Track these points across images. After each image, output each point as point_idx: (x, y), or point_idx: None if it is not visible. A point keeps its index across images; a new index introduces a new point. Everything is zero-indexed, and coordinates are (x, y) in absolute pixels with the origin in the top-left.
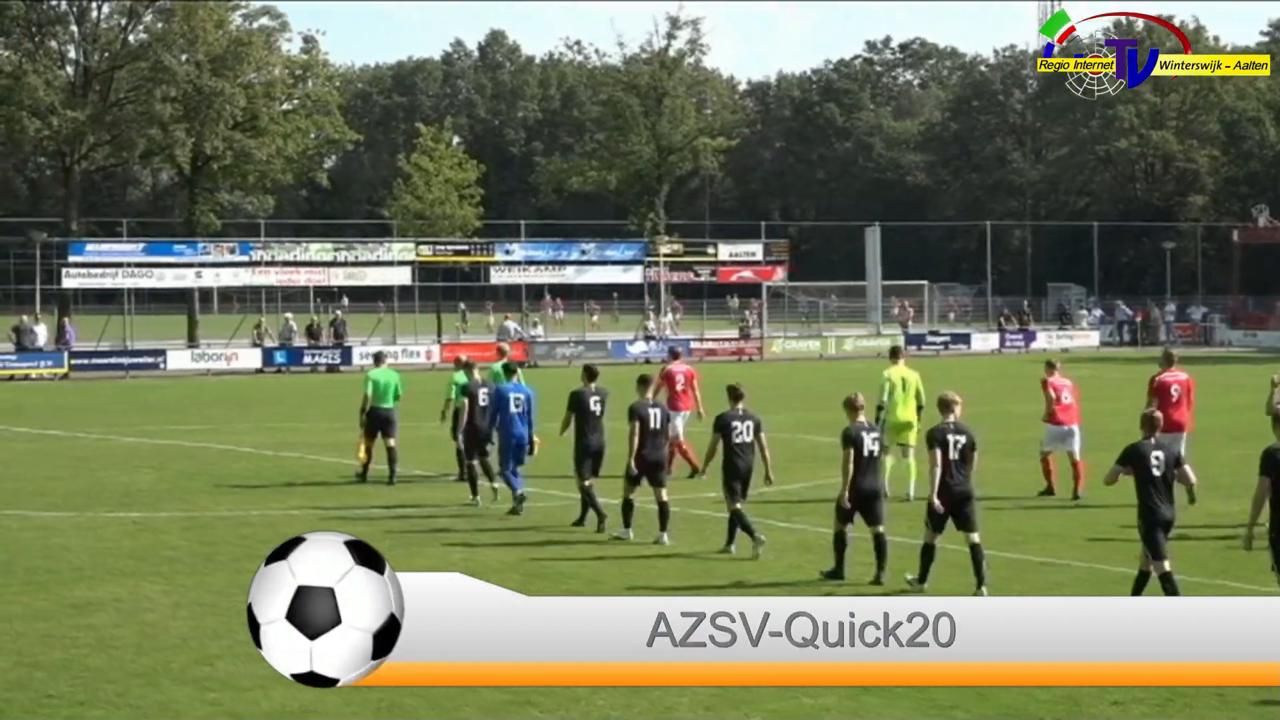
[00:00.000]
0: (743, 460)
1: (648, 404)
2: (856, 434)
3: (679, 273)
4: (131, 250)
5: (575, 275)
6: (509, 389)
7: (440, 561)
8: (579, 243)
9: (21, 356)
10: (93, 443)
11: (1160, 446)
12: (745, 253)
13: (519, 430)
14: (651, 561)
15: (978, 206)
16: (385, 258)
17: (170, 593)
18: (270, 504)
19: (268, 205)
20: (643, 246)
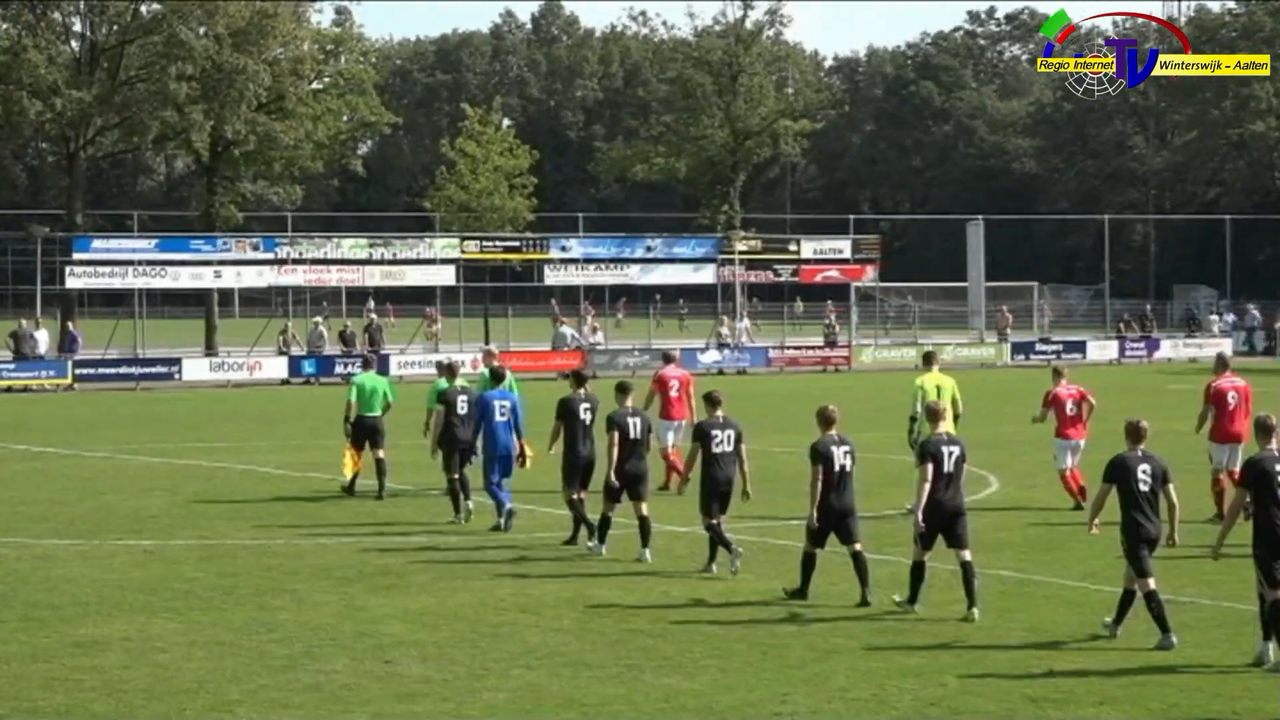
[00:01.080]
0: (722, 472)
1: (627, 413)
2: (825, 448)
3: (756, 272)
4: (143, 246)
5: (639, 275)
6: (493, 396)
7: (489, 596)
8: (644, 238)
9: (21, 365)
10: (100, 462)
11: (1148, 459)
12: (831, 250)
13: (504, 440)
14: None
15: (1094, 197)
16: (427, 255)
17: (185, 630)
18: (297, 531)
19: (295, 196)
20: (715, 243)
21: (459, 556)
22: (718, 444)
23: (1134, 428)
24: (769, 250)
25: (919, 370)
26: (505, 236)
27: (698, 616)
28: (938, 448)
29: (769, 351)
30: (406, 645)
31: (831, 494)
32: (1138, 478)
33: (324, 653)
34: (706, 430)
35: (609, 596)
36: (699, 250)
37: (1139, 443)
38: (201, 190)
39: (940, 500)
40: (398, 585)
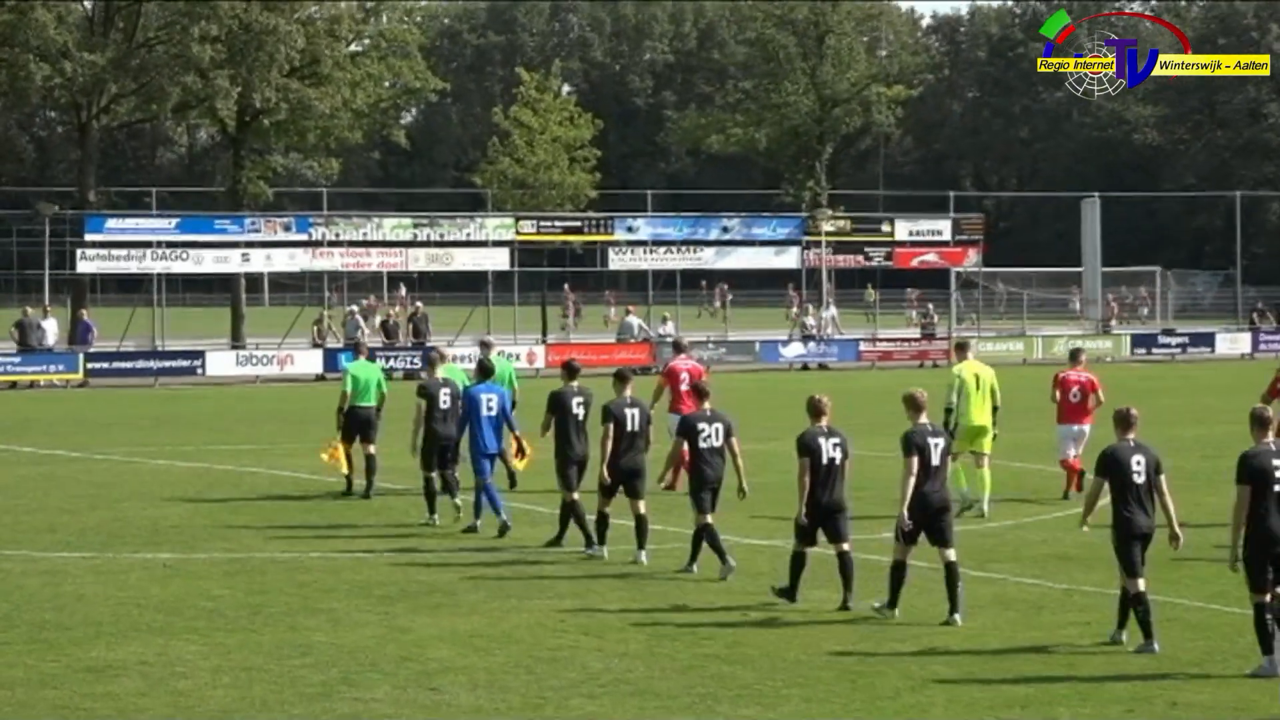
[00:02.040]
0: (711, 468)
1: (625, 403)
2: (812, 440)
3: (845, 255)
4: (162, 226)
5: (714, 259)
6: (479, 390)
7: (546, 616)
8: (719, 218)
9: (27, 359)
10: (114, 466)
11: (1141, 449)
12: (929, 231)
13: (491, 440)
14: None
15: (1224, 172)
16: (478, 236)
17: (209, 654)
18: (333, 544)
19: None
20: (800, 223)
21: (513, 573)
22: (705, 438)
23: (1124, 416)
24: (859, 231)
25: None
26: (565, 216)
27: (778, 640)
28: (923, 439)
29: (859, 344)
30: (455, 671)
31: (819, 488)
32: (1131, 469)
33: (363, 679)
34: (693, 424)
35: (681, 618)
36: (781, 231)
37: (1129, 432)
38: (227, 164)
39: (926, 494)
40: (445, 604)
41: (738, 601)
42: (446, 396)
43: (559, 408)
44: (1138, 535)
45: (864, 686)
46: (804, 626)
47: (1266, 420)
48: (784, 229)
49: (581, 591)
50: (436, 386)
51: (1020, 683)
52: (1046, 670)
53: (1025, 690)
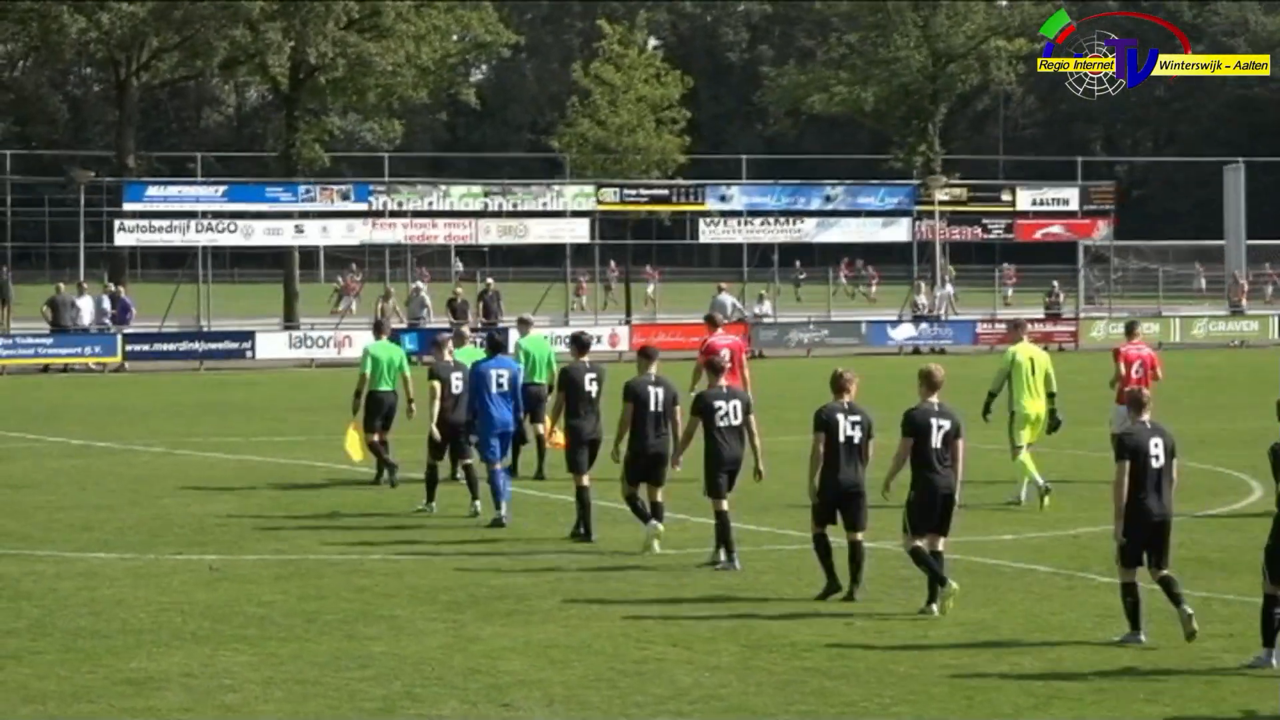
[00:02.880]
0: (728, 448)
1: (648, 380)
2: (830, 416)
3: (961, 227)
4: (208, 195)
5: (815, 231)
6: (489, 365)
7: (630, 626)
8: (822, 186)
9: (60, 340)
10: (155, 459)
11: (1159, 431)
12: (1054, 200)
13: (504, 415)
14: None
15: None
16: (555, 206)
17: (259, 665)
18: (395, 545)
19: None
20: (911, 191)
21: (593, 577)
22: (722, 417)
23: (1136, 397)
24: (977, 201)
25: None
26: (651, 183)
27: (886, 652)
28: (925, 419)
29: (975, 326)
30: (529, 685)
31: (837, 469)
32: (1150, 453)
33: (428, 694)
34: (709, 402)
35: (778, 628)
36: (890, 201)
37: (1143, 413)
38: (279, 126)
39: (932, 479)
40: (518, 611)
41: (842, 609)
42: (458, 381)
43: (570, 385)
44: (1150, 524)
45: (981, 704)
46: (915, 637)
47: None
48: (893, 198)
49: (668, 597)
50: (448, 370)
51: (1155, 701)
52: (1186, 692)
53: (1161, 708)
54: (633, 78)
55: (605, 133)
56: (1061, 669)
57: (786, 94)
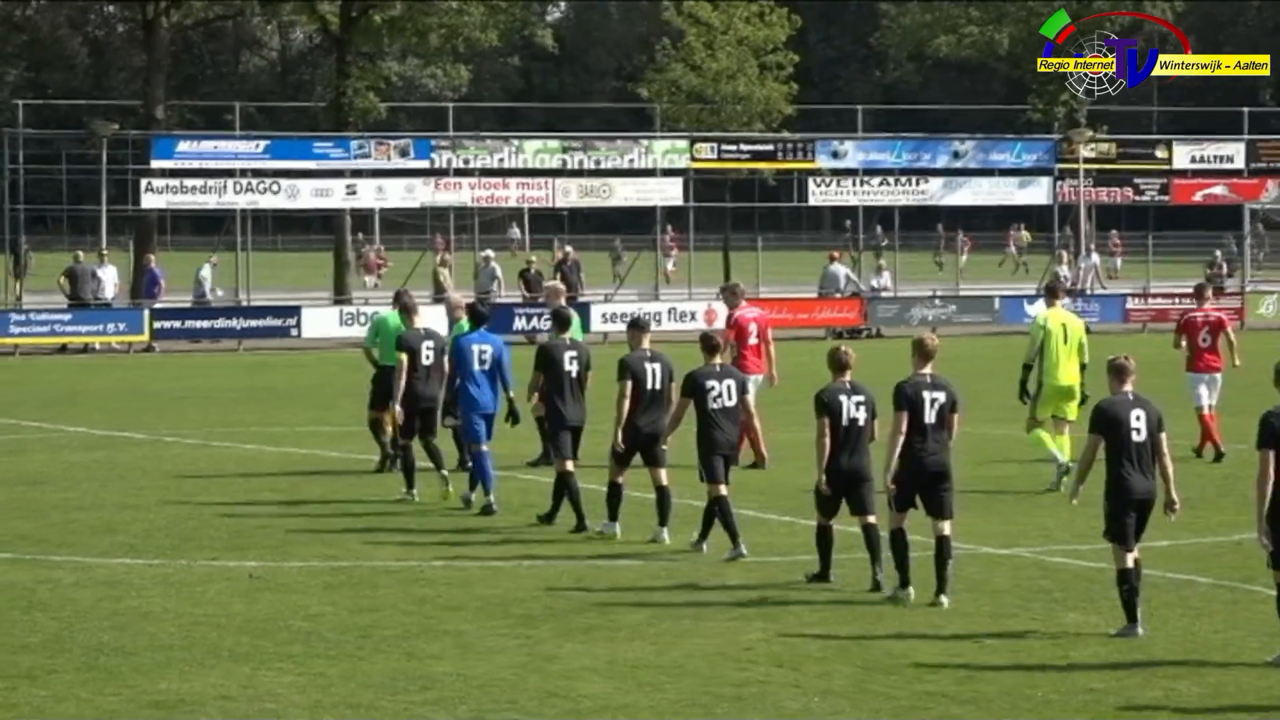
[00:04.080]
0: (722, 431)
1: (644, 356)
2: (833, 398)
3: (1109, 189)
4: (248, 151)
5: (942, 192)
6: (470, 340)
7: (729, 643)
8: (948, 140)
9: (79, 316)
10: (188, 452)
11: (1142, 403)
12: (1216, 157)
13: (487, 396)
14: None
15: None
16: (643, 164)
17: (305, 686)
18: (460, 549)
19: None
20: (1051, 147)
21: (686, 588)
22: (716, 397)
23: (1119, 366)
24: (1127, 158)
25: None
26: (754, 138)
27: (1021, 674)
28: (917, 391)
29: (1125, 301)
30: (613, 711)
31: (841, 453)
32: (1130, 426)
33: (499, 719)
34: (700, 382)
35: (898, 647)
36: (1027, 158)
37: (1125, 383)
38: (329, 73)
39: (921, 455)
40: (600, 627)
41: (970, 628)
42: (429, 351)
43: (550, 364)
44: (1134, 501)
45: None
46: (1055, 657)
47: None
48: (1031, 155)
49: (773, 612)
50: (418, 339)
51: None
52: None
53: None
54: (732, 16)
55: (701, 80)
56: (1224, 697)
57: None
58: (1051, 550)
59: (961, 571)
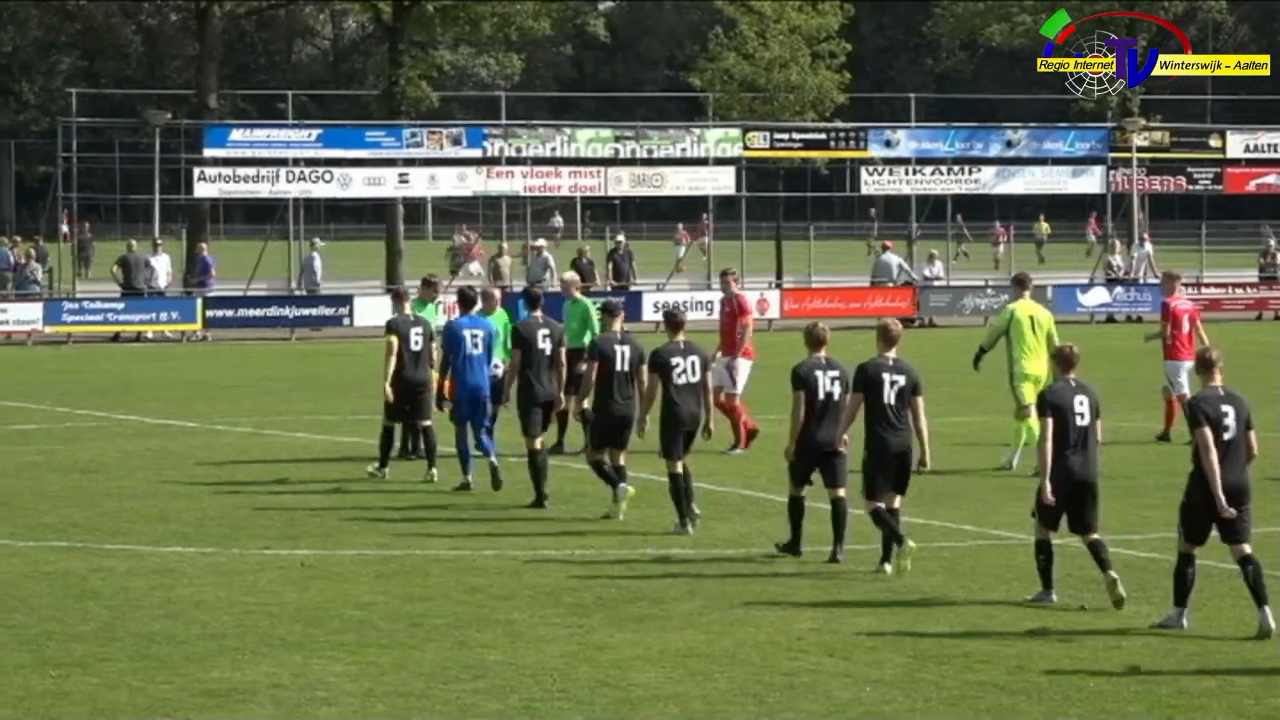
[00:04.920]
0: (684, 407)
1: (614, 339)
2: (808, 372)
3: (1163, 177)
4: (300, 140)
5: (994, 181)
6: (462, 324)
7: (780, 632)
8: (1001, 129)
9: (132, 304)
10: (241, 440)
11: (1084, 390)
12: (1271, 145)
13: (477, 378)
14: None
15: None
16: (695, 153)
17: (358, 675)
18: (512, 539)
19: (512, 70)
20: (1104, 136)
21: (738, 578)
22: (680, 374)
23: (1065, 354)
24: (1180, 147)
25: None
26: (806, 127)
27: (1073, 664)
28: (878, 374)
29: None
30: (665, 700)
31: (814, 425)
32: (1074, 412)
33: (549, 709)
34: (666, 358)
35: (950, 635)
36: (1080, 146)
37: (1070, 371)
38: (381, 62)
39: (884, 436)
40: (652, 615)
41: (1021, 618)
42: (418, 336)
43: (524, 343)
44: (1074, 483)
45: None
46: (1106, 646)
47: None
48: (1084, 143)
49: (824, 601)
50: (406, 324)
51: None
52: None
53: None
54: (785, 5)
55: (753, 69)
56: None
57: (961, 24)
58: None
59: (1012, 561)
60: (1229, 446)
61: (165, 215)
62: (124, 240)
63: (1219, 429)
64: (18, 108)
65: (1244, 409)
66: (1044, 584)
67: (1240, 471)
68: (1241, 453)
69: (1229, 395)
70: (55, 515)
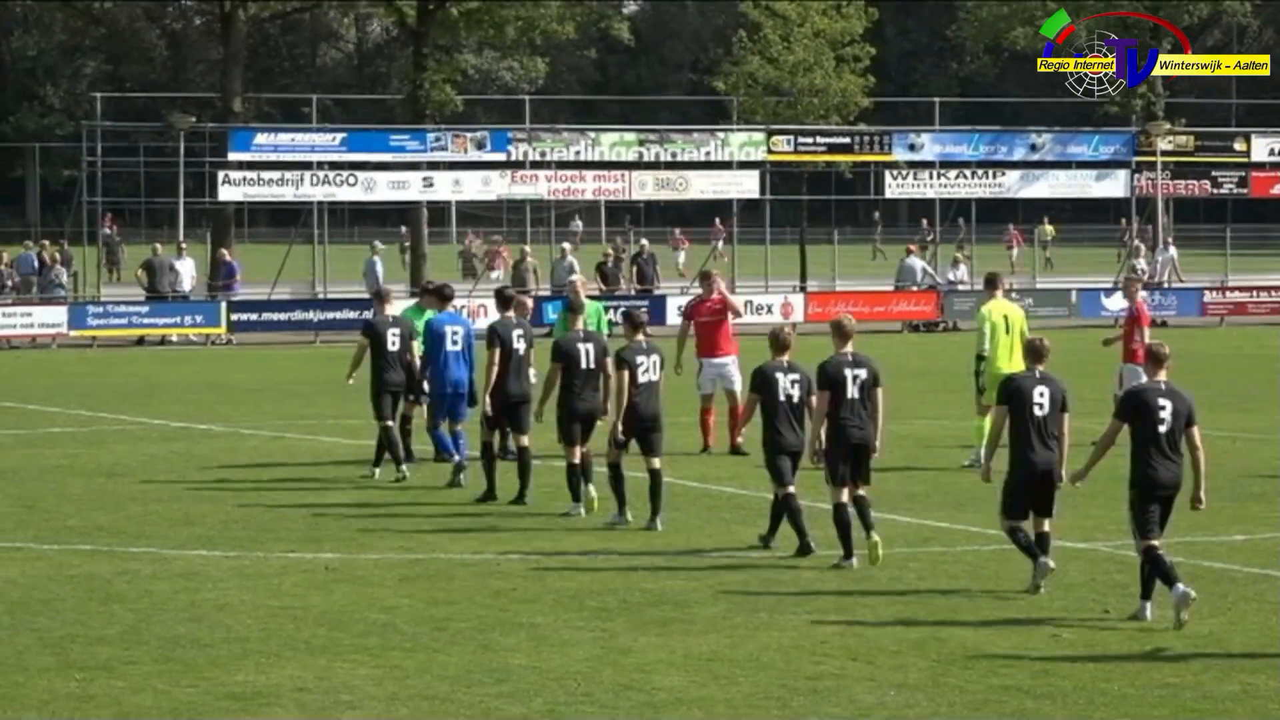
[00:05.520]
0: (647, 405)
1: (577, 338)
2: (770, 375)
3: (1188, 181)
4: (325, 143)
5: (1019, 186)
6: (442, 320)
7: (804, 636)
8: (1026, 133)
9: (157, 308)
10: (265, 444)
11: (1047, 381)
12: None
13: (456, 374)
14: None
15: None
16: (719, 156)
17: (382, 679)
18: (536, 543)
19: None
20: (1129, 140)
21: (762, 581)
22: (644, 372)
23: (1035, 347)
24: (1205, 151)
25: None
26: (830, 130)
27: (1097, 668)
28: (839, 370)
29: (1202, 295)
30: (688, 704)
31: (782, 427)
32: (1033, 401)
33: (573, 712)
34: (631, 357)
35: (973, 639)
36: (1104, 150)
37: (1039, 363)
38: (405, 65)
39: (846, 427)
40: (676, 619)
41: (1045, 623)
42: (395, 337)
43: (500, 343)
44: (1033, 475)
45: None
46: (1131, 650)
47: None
48: (1108, 147)
49: (848, 605)
50: (385, 325)
51: None
52: None
53: None
54: (809, 9)
55: (777, 72)
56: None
57: (986, 27)
58: (1127, 544)
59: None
60: (1165, 439)
61: (190, 219)
62: (149, 244)
63: (1157, 422)
64: (42, 111)
65: (1184, 405)
66: (1030, 556)
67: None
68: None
69: (1169, 390)
70: (80, 519)
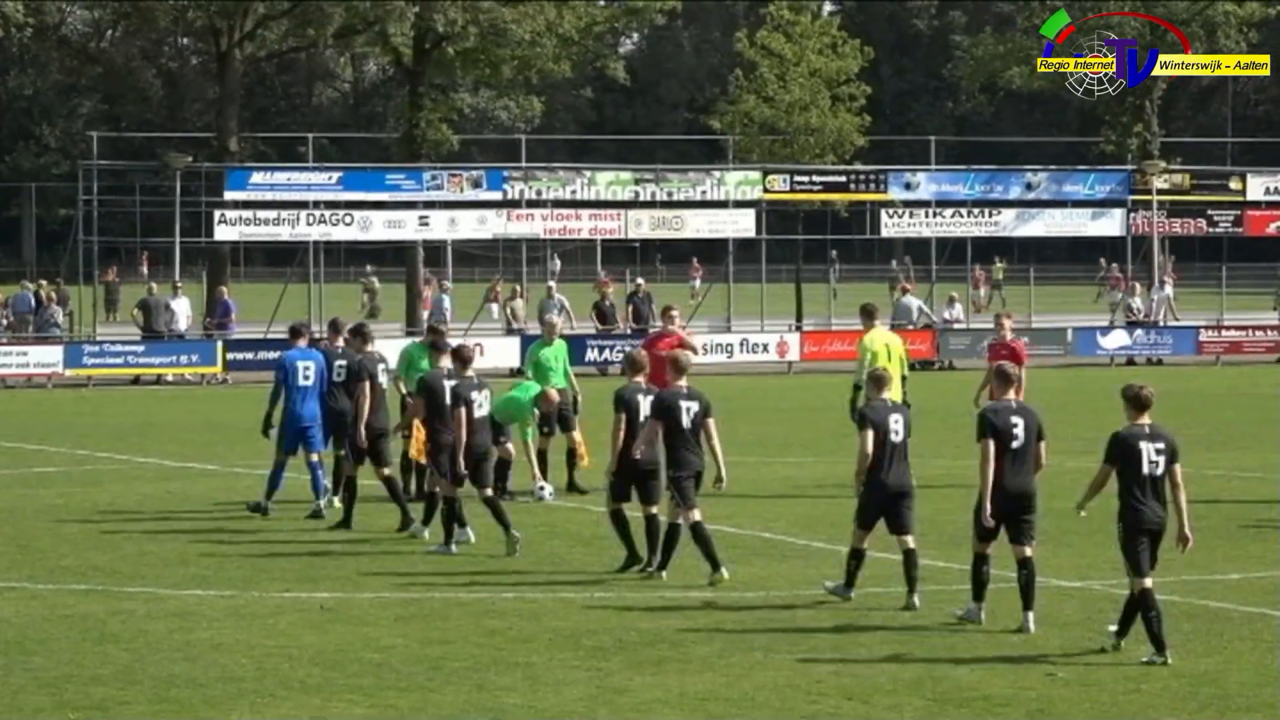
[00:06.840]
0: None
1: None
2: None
3: (1183, 220)
4: (321, 182)
5: (1014, 224)
6: (294, 356)
7: (799, 675)
8: (1021, 172)
9: (153, 347)
10: (259, 482)
11: (1023, 411)
12: None
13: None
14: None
15: None
16: (715, 195)
17: (377, 718)
18: (530, 582)
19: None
20: (1125, 179)
21: (756, 620)
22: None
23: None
24: (1201, 189)
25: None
26: (826, 170)
27: (1093, 706)
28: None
29: (1198, 333)
30: None
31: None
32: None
33: None
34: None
35: (969, 678)
36: (1100, 189)
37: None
38: (401, 105)
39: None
40: (671, 659)
41: (1041, 661)
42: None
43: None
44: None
45: None
46: (1126, 690)
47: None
48: (1104, 186)
49: (843, 643)
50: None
51: None
52: None
53: None
54: (805, 48)
55: (773, 112)
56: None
57: (981, 67)
58: (1123, 584)
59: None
60: (1016, 455)
61: (186, 258)
62: (144, 284)
63: (1009, 439)
64: (39, 150)
65: (1034, 421)
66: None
67: (1026, 477)
68: (1029, 462)
69: (1020, 408)
70: (75, 558)
